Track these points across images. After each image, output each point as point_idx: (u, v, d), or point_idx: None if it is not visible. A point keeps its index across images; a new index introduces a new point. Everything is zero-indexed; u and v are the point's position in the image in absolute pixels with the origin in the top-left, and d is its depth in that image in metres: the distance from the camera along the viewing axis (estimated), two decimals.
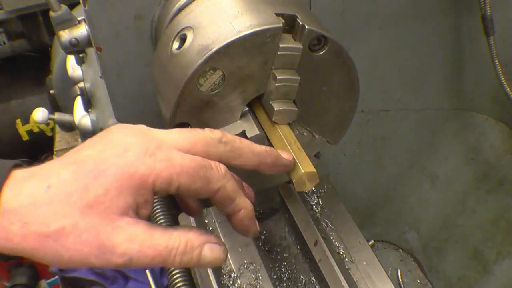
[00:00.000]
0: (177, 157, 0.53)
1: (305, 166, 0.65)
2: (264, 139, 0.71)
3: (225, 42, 0.62)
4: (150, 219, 0.96)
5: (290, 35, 0.65)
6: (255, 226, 0.63)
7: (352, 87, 0.73)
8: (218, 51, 0.62)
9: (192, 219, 0.89)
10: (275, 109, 0.68)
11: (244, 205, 0.60)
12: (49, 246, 0.48)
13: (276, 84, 0.66)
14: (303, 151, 0.67)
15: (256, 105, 0.72)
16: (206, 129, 0.59)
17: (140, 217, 0.52)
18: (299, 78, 0.67)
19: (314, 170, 0.65)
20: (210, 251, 0.55)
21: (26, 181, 0.50)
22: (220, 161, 0.58)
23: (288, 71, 0.66)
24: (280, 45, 0.64)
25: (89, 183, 0.50)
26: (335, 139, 0.79)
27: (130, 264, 0.50)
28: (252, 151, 0.61)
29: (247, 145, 0.61)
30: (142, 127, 0.56)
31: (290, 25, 0.66)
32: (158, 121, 0.87)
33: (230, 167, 0.59)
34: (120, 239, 0.50)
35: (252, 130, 0.71)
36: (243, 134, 0.71)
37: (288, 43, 0.64)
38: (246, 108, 0.71)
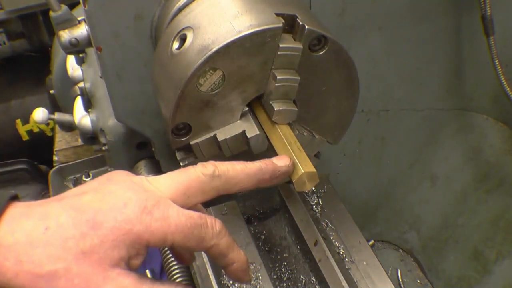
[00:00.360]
0: (174, 216, 0.55)
1: (305, 166, 0.65)
2: (264, 139, 0.71)
3: (225, 42, 0.62)
4: None
5: (290, 35, 0.65)
6: (248, 276, 0.64)
7: (352, 87, 0.73)
8: (218, 51, 0.62)
9: None
10: (275, 109, 0.68)
11: (237, 258, 0.61)
12: (40, 286, 0.50)
13: (276, 84, 0.66)
14: (303, 151, 0.67)
15: (256, 105, 0.72)
16: (198, 164, 0.60)
17: (131, 267, 0.54)
18: (299, 78, 0.67)
19: (314, 170, 0.65)
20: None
21: (24, 219, 0.51)
22: (218, 194, 0.60)
23: (288, 71, 0.66)
24: (280, 45, 0.64)
25: (87, 232, 0.51)
26: (335, 139, 0.79)
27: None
28: (247, 175, 0.62)
29: (241, 170, 0.62)
30: (142, 179, 0.57)
31: (290, 25, 0.66)
32: (158, 121, 0.87)
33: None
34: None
35: (252, 130, 0.71)
36: (243, 134, 0.71)
37: (288, 43, 0.64)
38: (246, 108, 0.71)
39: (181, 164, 0.75)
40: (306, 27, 0.64)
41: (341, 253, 0.85)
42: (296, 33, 0.65)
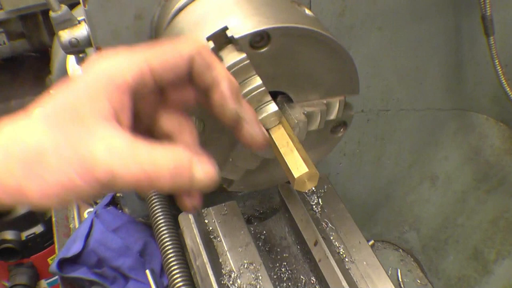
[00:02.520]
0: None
1: (305, 166, 0.65)
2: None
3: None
4: (150, 218, 0.96)
5: (230, 46, 0.64)
6: (263, 134, 0.56)
7: (334, 50, 0.70)
8: None
9: (192, 219, 0.89)
10: (259, 118, 0.68)
11: (247, 116, 0.54)
12: (34, 175, 0.44)
13: (245, 99, 0.65)
14: (304, 150, 0.67)
15: None
16: None
17: (121, 125, 0.47)
18: (261, 82, 0.64)
19: (314, 170, 0.65)
20: (202, 170, 0.48)
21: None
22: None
23: (249, 80, 0.65)
24: (226, 65, 0.62)
25: (61, 98, 0.47)
26: (353, 89, 0.76)
27: (114, 181, 0.44)
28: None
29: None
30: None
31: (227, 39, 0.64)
32: None
33: None
34: (100, 149, 0.44)
35: None
36: (248, 150, 0.72)
37: (232, 58, 0.63)
38: None
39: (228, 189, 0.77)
40: (235, 36, 0.63)
41: (341, 253, 0.85)
42: (234, 44, 0.64)
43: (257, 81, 0.64)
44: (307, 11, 0.72)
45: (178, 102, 0.54)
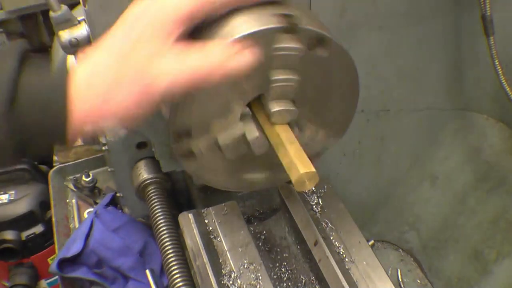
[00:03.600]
0: None
1: (305, 166, 0.65)
2: (264, 140, 0.71)
3: None
4: (150, 218, 0.96)
5: (290, 35, 0.65)
6: None
7: (353, 86, 0.73)
8: None
9: (192, 219, 0.89)
10: (272, 110, 0.68)
11: None
12: (108, 100, 0.55)
13: (272, 85, 0.66)
14: (303, 151, 0.67)
15: (256, 105, 0.72)
16: None
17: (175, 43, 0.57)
18: (297, 77, 0.66)
19: (314, 170, 0.65)
20: (242, 56, 0.57)
21: (87, 76, 0.56)
22: None
23: (287, 71, 0.66)
24: (278, 45, 0.64)
25: (129, 33, 0.57)
26: (337, 133, 0.79)
27: (173, 87, 0.56)
28: None
29: None
30: None
31: (291, 26, 0.66)
32: (158, 121, 0.87)
33: None
34: (157, 72, 0.55)
35: (252, 132, 0.71)
36: (243, 137, 0.71)
37: (286, 43, 0.64)
38: (247, 109, 0.71)
39: (188, 171, 0.76)
40: (305, 27, 0.64)
41: (341, 253, 0.85)
42: (296, 33, 0.65)
43: (293, 75, 0.65)
44: None
45: None
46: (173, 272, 0.85)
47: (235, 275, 0.82)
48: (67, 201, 1.34)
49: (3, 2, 1.94)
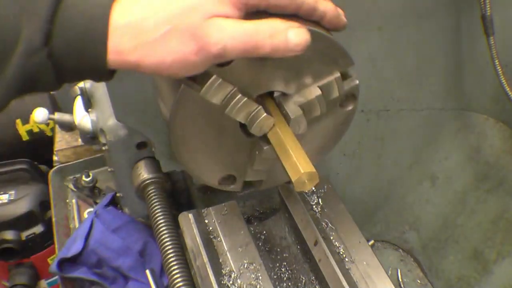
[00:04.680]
0: None
1: (305, 166, 0.65)
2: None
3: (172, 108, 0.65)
4: (150, 218, 0.96)
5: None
6: (343, 21, 0.68)
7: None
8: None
9: (192, 219, 0.89)
10: (251, 131, 0.69)
11: (327, 8, 0.65)
12: (154, 52, 0.56)
13: (232, 112, 0.67)
14: (303, 150, 0.67)
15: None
16: None
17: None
18: (240, 95, 0.66)
19: (314, 170, 0.65)
20: (295, 34, 0.58)
21: (131, 5, 0.56)
22: None
23: (233, 94, 0.66)
24: (205, 98, 0.65)
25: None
26: (346, 62, 0.77)
27: (224, 53, 0.56)
28: None
29: None
30: None
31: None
32: (158, 121, 0.87)
33: None
34: (213, 30, 0.56)
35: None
36: (259, 155, 0.72)
37: (208, 92, 0.65)
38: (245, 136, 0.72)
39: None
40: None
41: (341, 253, 0.85)
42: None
43: (236, 94, 0.65)
44: None
45: None
46: (173, 272, 0.85)
47: (235, 275, 0.82)
48: (67, 201, 1.34)
49: None
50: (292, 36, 0.58)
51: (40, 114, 1.33)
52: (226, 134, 0.72)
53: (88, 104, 1.06)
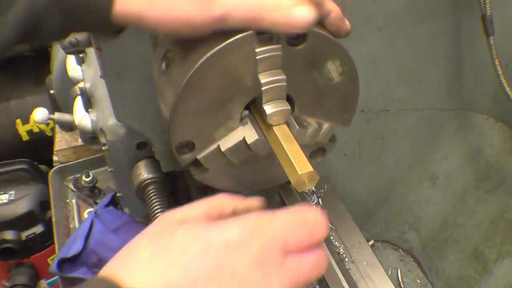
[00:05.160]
0: None
1: (304, 167, 0.65)
2: (264, 142, 0.71)
3: (200, 61, 0.62)
4: (150, 219, 0.96)
5: (268, 35, 0.65)
6: (346, 24, 0.68)
7: (350, 71, 0.72)
8: (195, 72, 0.63)
9: None
10: (267, 113, 0.68)
11: (332, 8, 0.65)
12: (158, 5, 0.56)
13: (262, 88, 0.66)
14: (302, 151, 0.67)
15: (254, 107, 0.72)
16: None
17: None
18: (285, 77, 0.66)
19: (313, 169, 0.65)
20: (299, 10, 0.58)
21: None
22: None
23: (274, 72, 0.66)
24: (257, 50, 0.64)
25: None
26: (345, 122, 0.77)
27: (226, 18, 0.57)
28: None
29: None
30: None
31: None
32: (158, 121, 0.87)
33: None
34: None
35: (252, 135, 0.71)
36: (243, 141, 0.71)
37: (265, 46, 0.64)
38: (245, 112, 0.71)
39: (196, 178, 0.75)
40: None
41: (341, 253, 0.85)
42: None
43: (280, 75, 0.65)
44: None
45: None
46: None
47: None
48: (67, 201, 1.34)
49: None
50: (296, 12, 0.58)
51: (40, 114, 1.33)
52: (223, 109, 0.71)
53: (88, 104, 1.06)
